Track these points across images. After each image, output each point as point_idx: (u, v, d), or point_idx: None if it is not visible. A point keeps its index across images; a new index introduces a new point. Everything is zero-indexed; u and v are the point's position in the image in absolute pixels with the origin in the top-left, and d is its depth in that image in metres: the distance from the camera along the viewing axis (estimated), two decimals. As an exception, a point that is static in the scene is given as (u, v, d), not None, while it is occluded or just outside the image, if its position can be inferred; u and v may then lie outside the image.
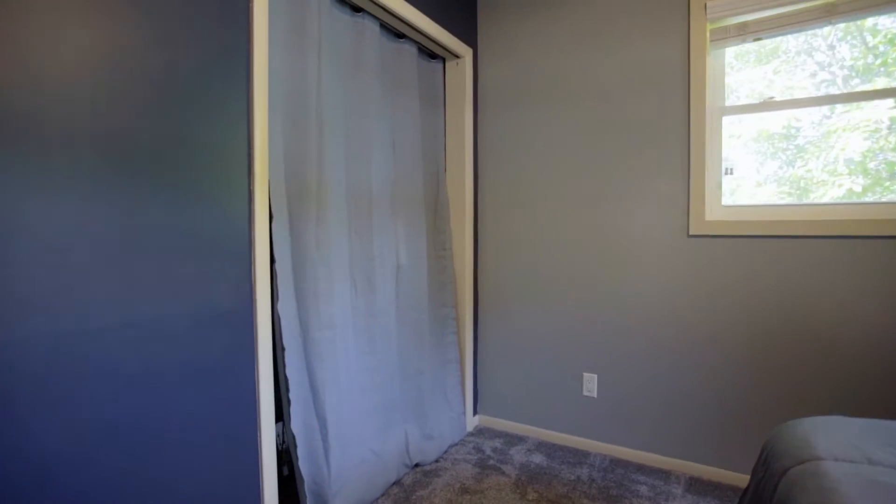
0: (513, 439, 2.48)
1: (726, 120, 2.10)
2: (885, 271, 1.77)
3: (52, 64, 1.00)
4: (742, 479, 2.00)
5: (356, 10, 1.95)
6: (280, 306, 1.58)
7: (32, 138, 0.97)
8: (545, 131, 2.45)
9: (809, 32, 1.97)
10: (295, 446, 1.65)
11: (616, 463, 2.22)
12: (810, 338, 1.89)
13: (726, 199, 2.12)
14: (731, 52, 2.10)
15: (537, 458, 2.26)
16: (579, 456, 2.29)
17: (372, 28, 2.00)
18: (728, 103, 2.10)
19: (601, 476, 2.10)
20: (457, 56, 2.48)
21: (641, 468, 2.17)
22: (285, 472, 1.97)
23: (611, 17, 2.26)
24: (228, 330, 1.36)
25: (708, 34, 2.05)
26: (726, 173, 2.11)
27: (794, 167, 2.02)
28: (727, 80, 2.11)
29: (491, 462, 2.23)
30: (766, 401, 1.97)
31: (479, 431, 2.58)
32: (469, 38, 2.55)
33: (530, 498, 1.92)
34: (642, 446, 2.24)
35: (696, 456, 2.11)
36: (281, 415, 1.68)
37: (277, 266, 1.58)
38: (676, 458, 2.15)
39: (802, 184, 2.00)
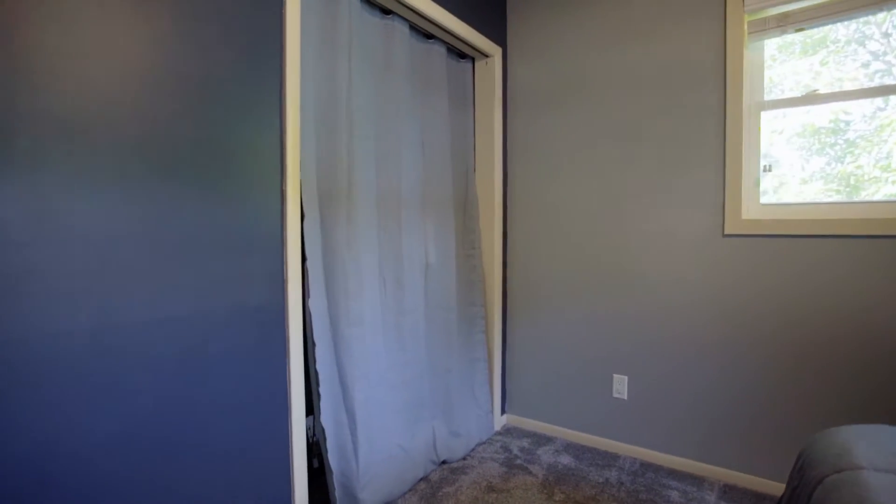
0: (540, 439, 2.46)
1: (768, 115, 2.01)
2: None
3: (97, 70, 1.07)
4: (780, 489, 1.92)
5: (386, 12, 1.99)
6: (311, 303, 1.64)
7: (78, 141, 1.04)
8: (576, 129, 2.41)
9: (861, 20, 1.86)
10: (324, 439, 1.70)
11: (646, 467, 2.17)
12: (858, 344, 1.79)
13: (769, 198, 2.03)
14: (774, 44, 2.01)
15: (565, 459, 2.24)
16: (608, 458, 2.25)
17: (401, 30, 2.03)
18: (770, 97, 2.01)
19: (630, 480, 2.06)
20: (486, 55, 2.48)
21: (673, 473, 2.11)
22: (315, 464, 2.03)
23: (644, 11, 2.21)
24: (261, 325, 1.42)
25: (746, 26, 1.97)
26: (765, 170, 2.02)
27: (842, 163, 1.91)
28: (769, 73, 2.01)
29: (518, 461, 2.22)
30: (806, 407, 1.88)
31: (507, 431, 2.58)
32: (498, 37, 2.55)
33: (557, 499, 1.91)
34: (674, 450, 2.18)
35: (730, 462, 2.04)
36: (311, 408, 1.73)
37: (308, 264, 1.63)
38: (710, 464, 2.08)
39: (852, 181, 1.89)
